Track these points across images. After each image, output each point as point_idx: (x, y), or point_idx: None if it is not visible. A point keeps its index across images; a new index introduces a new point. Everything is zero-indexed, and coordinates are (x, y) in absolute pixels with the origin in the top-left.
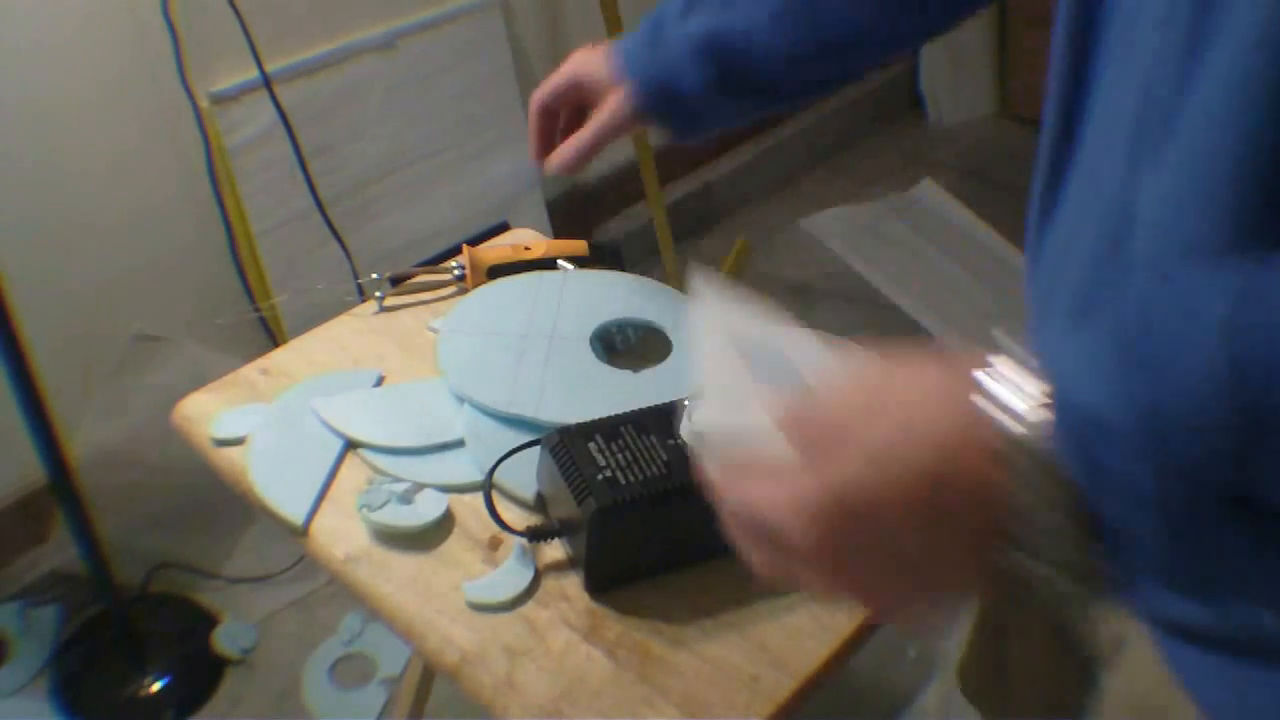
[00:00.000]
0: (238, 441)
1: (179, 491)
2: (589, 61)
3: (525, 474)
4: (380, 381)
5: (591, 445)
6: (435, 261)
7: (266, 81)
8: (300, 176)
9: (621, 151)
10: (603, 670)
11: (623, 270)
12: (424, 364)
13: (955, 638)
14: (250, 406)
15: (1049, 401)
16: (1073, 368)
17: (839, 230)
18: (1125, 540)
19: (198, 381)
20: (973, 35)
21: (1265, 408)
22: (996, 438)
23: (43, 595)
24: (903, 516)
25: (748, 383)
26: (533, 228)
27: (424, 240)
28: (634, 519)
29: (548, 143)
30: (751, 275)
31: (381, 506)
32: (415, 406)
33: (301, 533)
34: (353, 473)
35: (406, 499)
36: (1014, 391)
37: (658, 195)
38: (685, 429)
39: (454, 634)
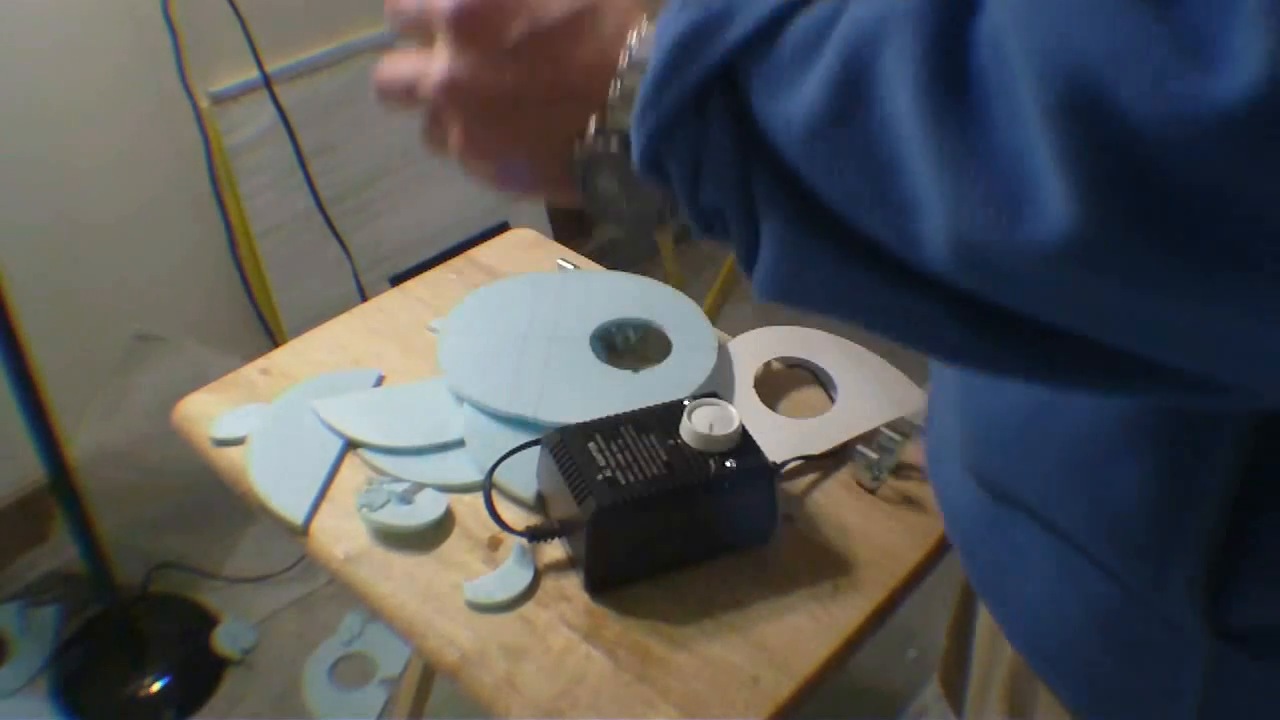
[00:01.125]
0: (238, 441)
1: (179, 491)
2: None
3: (525, 474)
4: (380, 381)
5: (591, 445)
6: (435, 262)
7: (266, 81)
8: (300, 176)
9: None
10: (603, 670)
11: None
12: (424, 364)
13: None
14: (250, 406)
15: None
16: None
17: None
18: (668, 154)
19: (198, 381)
20: None
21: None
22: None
23: (43, 595)
24: (538, 28)
25: None
26: (533, 227)
27: (424, 240)
28: (634, 519)
29: None
30: None
31: (381, 506)
32: (415, 406)
33: (301, 533)
34: (353, 473)
35: (406, 499)
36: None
37: None
38: None
39: (454, 634)
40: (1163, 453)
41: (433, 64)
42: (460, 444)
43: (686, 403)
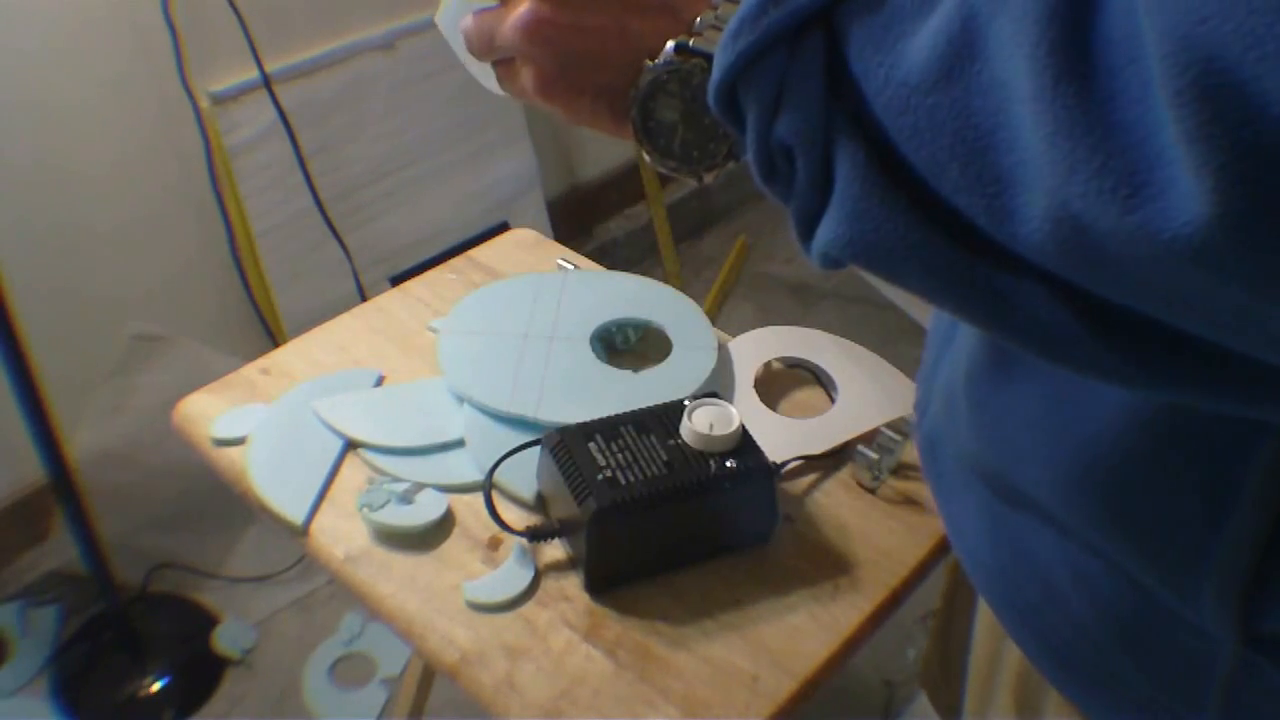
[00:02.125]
0: (238, 441)
1: (179, 491)
2: None
3: (525, 474)
4: (380, 381)
5: (591, 445)
6: (435, 262)
7: (266, 81)
8: (300, 176)
9: (621, 152)
10: (603, 670)
11: None
12: (424, 364)
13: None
14: (250, 406)
15: None
16: None
17: None
18: (746, 94)
19: (198, 381)
20: None
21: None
22: None
23: (43, 595)
24: None
25: None
26: (533, 227)
27: (424, 240)
28: (634, 519)
29: None
30: (751, 275)
31: (381, 506)
32: (415, 406)
33: (301, 533)
34: (353, 473)
35: (406, 499)
36: None
37: (658, 195)
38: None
39: (454, 634)
40: (1199, 461)
41: (511, 11)
42: (460, 444)
43: (686, 403)
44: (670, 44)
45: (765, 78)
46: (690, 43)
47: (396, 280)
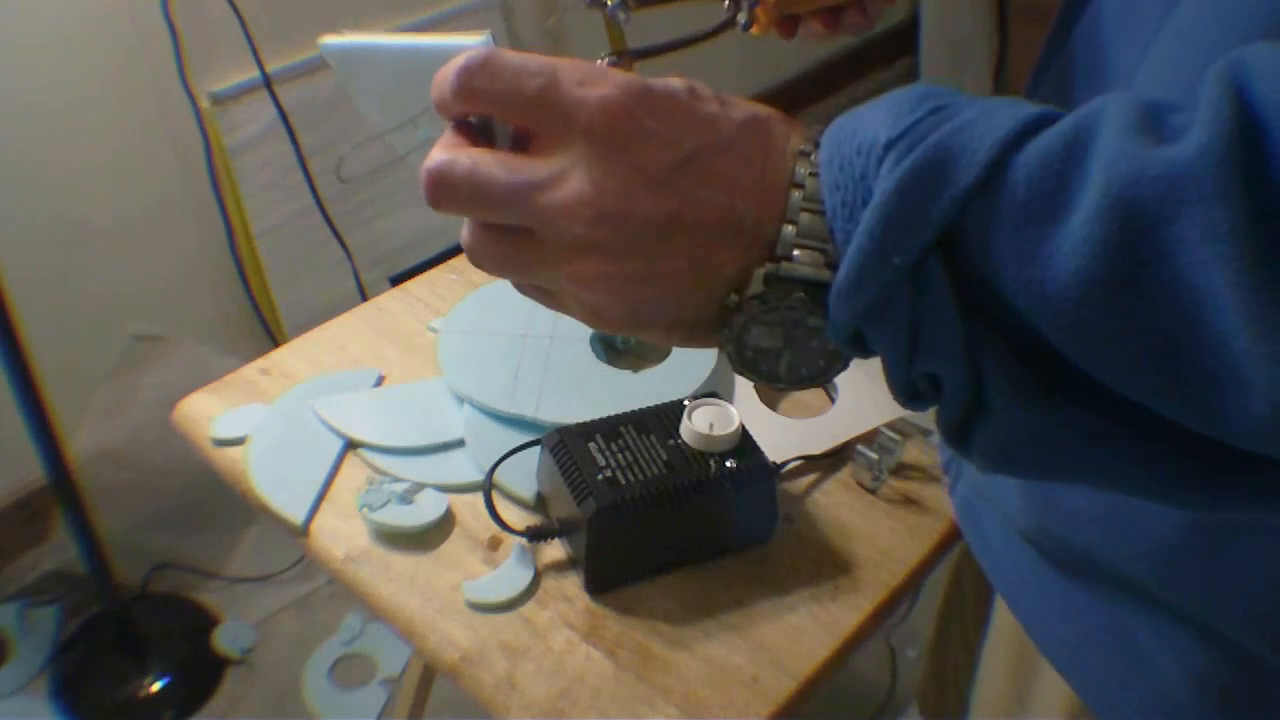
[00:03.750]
0: (238, 441)
1: (179, 491)
2: None
3: (525, 474)
4: (380, 381)
5: (591, 445)
6: (435, 262)
7: (266, 81)
8: (300, 176)
9: None
10: (603, 670)
11: None
12: (424, 364)
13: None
14: (250, 406)
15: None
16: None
17: None
18: (850, 285)
19: (198, 381)
20: (972, 32)
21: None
22: (806, 141)
23: (43, 595)
24: (711, 144)
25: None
26: None
27: (424, 240)
28: (634, 519)
29: None
30: None
31: (381, 506)
32: (415, 406)
33: (301, 533)
34: (353, 473)
35: (406, 499)
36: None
37: None
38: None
39: (454, 634)
40: None
41: (555, 171)
42: (460, 444)
43: (686, 403)
44: (759, 274)
45: (895, 319)
46: (781, 270)
47: (396, 280)
